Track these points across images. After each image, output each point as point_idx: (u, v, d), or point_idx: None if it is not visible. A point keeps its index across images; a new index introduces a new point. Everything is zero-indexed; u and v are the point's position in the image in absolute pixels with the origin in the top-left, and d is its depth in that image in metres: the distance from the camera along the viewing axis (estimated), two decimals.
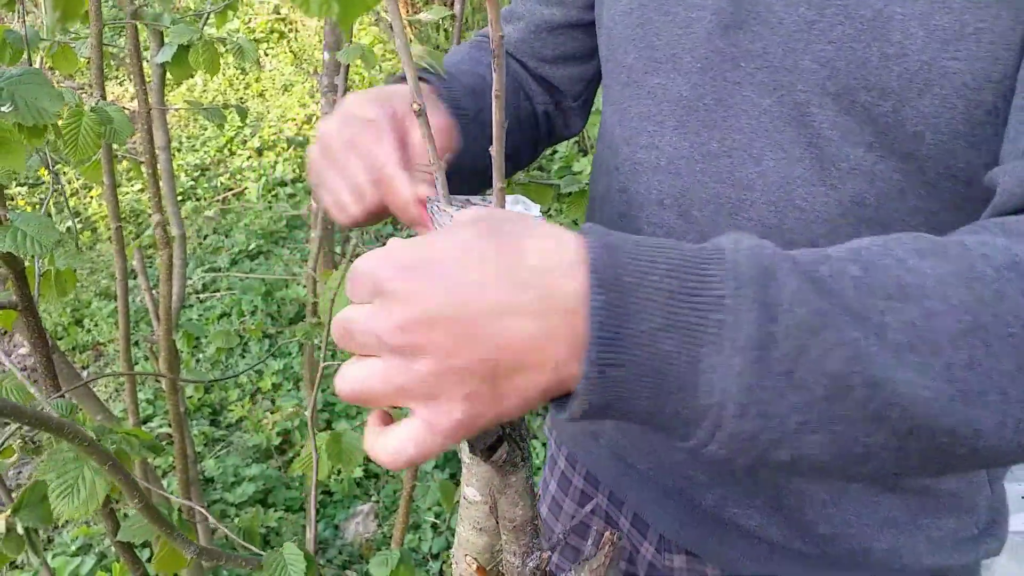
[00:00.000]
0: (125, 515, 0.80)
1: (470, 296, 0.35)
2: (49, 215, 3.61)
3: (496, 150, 0.46)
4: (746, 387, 0.35)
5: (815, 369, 0.35)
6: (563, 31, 0.81)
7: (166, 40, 1.19)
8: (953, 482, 0.66)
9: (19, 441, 0.79)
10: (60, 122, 0.87)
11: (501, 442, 0.43)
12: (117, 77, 4.58)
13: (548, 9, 0.81)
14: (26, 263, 0.81)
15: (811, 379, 0.35)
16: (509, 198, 0.52)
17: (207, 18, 1.24)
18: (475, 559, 0.55)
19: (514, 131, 0.78)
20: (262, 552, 0.77)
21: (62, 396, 0.87)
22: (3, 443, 0.82)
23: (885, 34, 0.53)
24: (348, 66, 1.77)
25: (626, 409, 0.37)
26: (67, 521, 2.17)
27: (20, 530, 0.67)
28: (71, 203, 3.64)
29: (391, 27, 0.50)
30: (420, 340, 0.36)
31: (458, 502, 0.54)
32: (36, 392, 0.80)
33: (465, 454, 0.52)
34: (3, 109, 0.56)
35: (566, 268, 0.36)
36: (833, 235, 0.59)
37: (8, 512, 0.69)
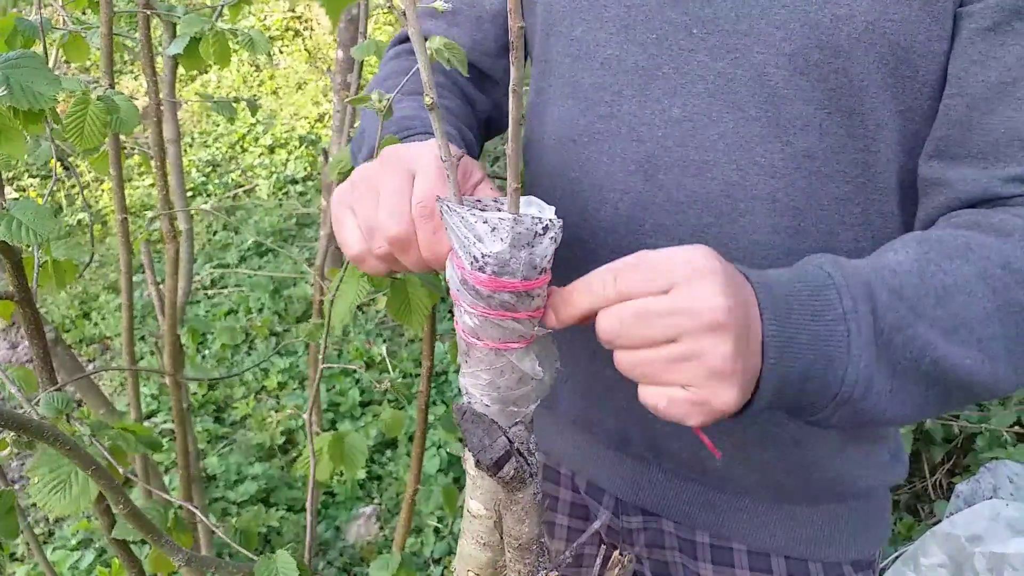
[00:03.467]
0: None
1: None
2: (60, 207, 3.61)
3: (512, 149, 0.44)
4: (868, 376, 0.51)
5: (901, 355, 0.52)
6: (503, 17, 0.78)
7: (178, 33, 1.18)
8: None
9: (12, 435, 0.77)
10: (65, 109, 0.85)
11: (509, 457, 0.41)
12: (132, 72, 4.59)
13: None
14: (24, 253, 0.80)
15: (899, 361, 0.53)
16: (523, 200, 0.49)
17: (220, 10, 1.23)
18: (477, 574, 0.53)
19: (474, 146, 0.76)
20: (259, 553, 0.75)
21: (59, 389, 0.85)
22: None
23: None
24: (361, 64, 1.75)
25: (780, 400, 0.52)
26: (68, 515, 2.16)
27: None
28: (82, 196, 3.65)
29: (403, 15, 0.48)
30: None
31: (461, 507, 0.52)
32: (17, 394, 0.78)
33: (470, 467, 0.49)
34: None
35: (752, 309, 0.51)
36: (789, 188, 0.64)
37: None
